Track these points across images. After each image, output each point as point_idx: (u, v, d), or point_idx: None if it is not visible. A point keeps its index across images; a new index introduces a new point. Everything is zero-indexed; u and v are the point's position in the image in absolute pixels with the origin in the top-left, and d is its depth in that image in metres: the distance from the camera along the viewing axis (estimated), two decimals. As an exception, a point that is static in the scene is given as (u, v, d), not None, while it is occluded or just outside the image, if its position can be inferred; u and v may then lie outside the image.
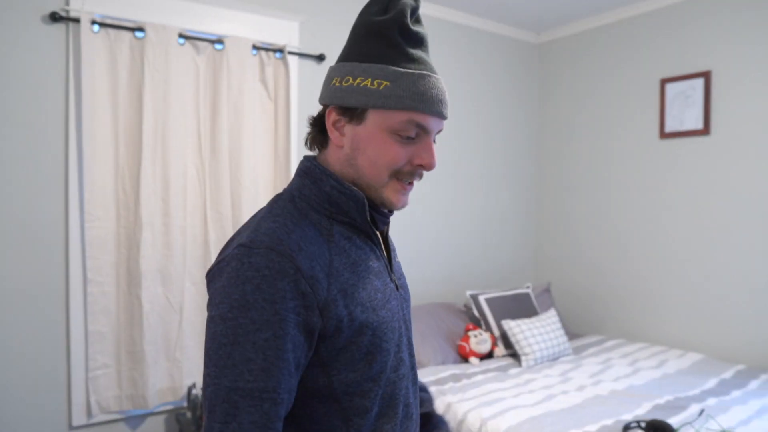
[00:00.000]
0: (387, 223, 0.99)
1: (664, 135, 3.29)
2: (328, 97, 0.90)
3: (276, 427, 0.79)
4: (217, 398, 0.78)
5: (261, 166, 2.87)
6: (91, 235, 2.43)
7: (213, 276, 0.85)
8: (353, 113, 0.87)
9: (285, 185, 2.89)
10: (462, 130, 3.71)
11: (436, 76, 0.88)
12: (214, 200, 2.73)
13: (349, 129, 0.88)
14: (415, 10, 0.89)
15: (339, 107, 0.88)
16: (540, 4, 3.48)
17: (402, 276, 1.05)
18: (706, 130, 3.10)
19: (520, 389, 2.58)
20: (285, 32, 2.96)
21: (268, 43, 2.88)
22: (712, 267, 3.13)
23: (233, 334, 0.78)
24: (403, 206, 0.93)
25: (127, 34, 2.50)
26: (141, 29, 2.50)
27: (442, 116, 0.89)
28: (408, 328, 1.01)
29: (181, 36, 2.61)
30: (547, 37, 3.99)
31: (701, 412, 2.23)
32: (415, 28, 0.88)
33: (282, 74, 2.91)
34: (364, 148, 0.88)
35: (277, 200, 0.92)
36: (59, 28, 2.40)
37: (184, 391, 2.63)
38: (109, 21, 2.46)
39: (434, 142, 0.91)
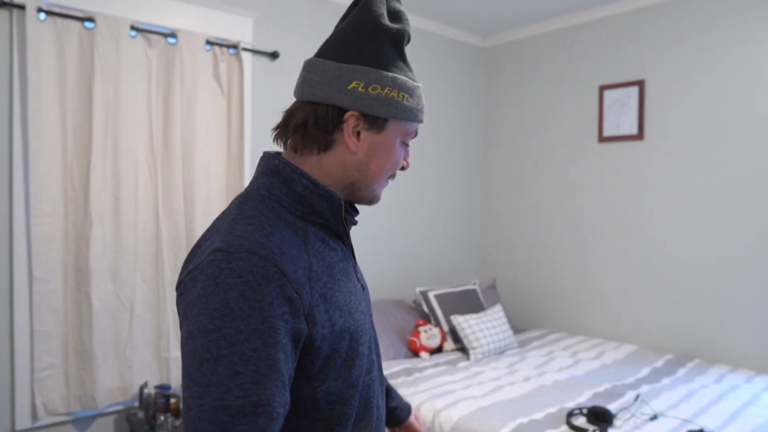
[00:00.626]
0: (355, 223, 0.97)
1: (602, 139, 3.48)
2: (349, 101, 0.84)
3: None
4: (201, 421, 0.70)
5: (214, 162, 2.85)
6: (37, 231, 2.34)
7: (185, 287, 0.77)
8: (375, 122, 0.85)
9: (238, 181, 2.89)
10: (412, 130, 3.78)
11: None
12: (167, 196, 2.69)
13: (366, 136, 0.86)
14: None
15: (362, 114, 0.85)
16: (485, 9, 3.61)
17: (362, 276, 1.04)
18: (640, 135, 3.31)
19: (470, 381, 2.68)
20: (239, 28, 2.95)
21: (222, 39, 2.86)
22: (645, 264, 3.34)
23: (216, 348, 0.70)
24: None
25: (75, 24, 2.43)
26: (91, 19, 2.44)
27: None
28: (374, 329, 1.00)
29: (133, 28, 2.55)
30: (493, 41, 4.13)
31: (636, 397, 2.40)
32: None
33: (236, 71, 2.90)
34: (380, 156, 0.88)
35: (245, 200, 0.85)
36: (2, 14, 2.30)
37: (135, 390, 2.58)
38: (56, 9, 2.38)
39: None
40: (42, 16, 2.34)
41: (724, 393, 2.52)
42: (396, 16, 0.88)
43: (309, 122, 0.85)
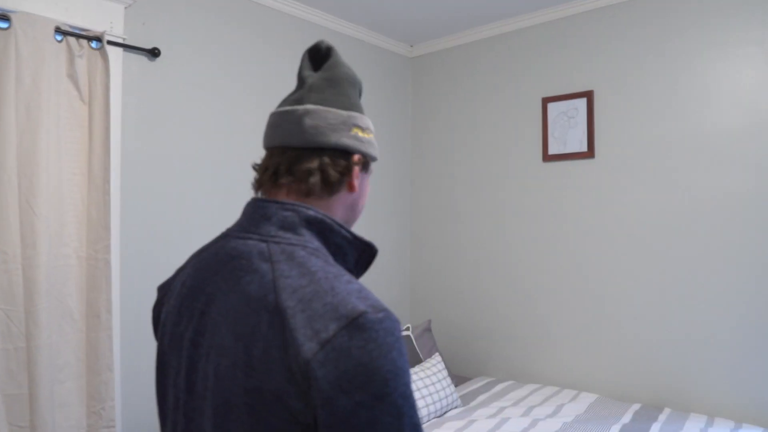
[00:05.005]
0: None
1: (547, 157, 3.07)
2: (356, 145, 0.88)
3: None
4: None
5: (68, 187, 2.16)
6: None
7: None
8: (367, 163, 0.91)
9: (103, 213, 2.21)
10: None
11: None
12: (-6, 235, 1.97)
13: (361, 176, 0.91)
14: None
15: (363, 156, 0.89)
16: (413, 14, 3.16)
17: None
18: (590, 153, 2.92)
19: (410, 462, 2.10)
20: (105, 16, 2.30)
21: (79, 28, 2.20)
22: (600, 298, 2.92)
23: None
24: None
25: None
26: None
27: None
28: None
29: (-60, 5, 1.86)
30: (421, 50, 3.68)
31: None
32: None
33: (99, 69, 2.24)
34: (364, 194, 0.94)
35: (298, 256, 0.78)
36: None
37: None
38: None
39: None
40: None
41: (715, 458, 2.08)
42: (351, 69, 0.94)
43: (326, 165, 0.85)
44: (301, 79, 0.91)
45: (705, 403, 2.62)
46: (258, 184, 0.88)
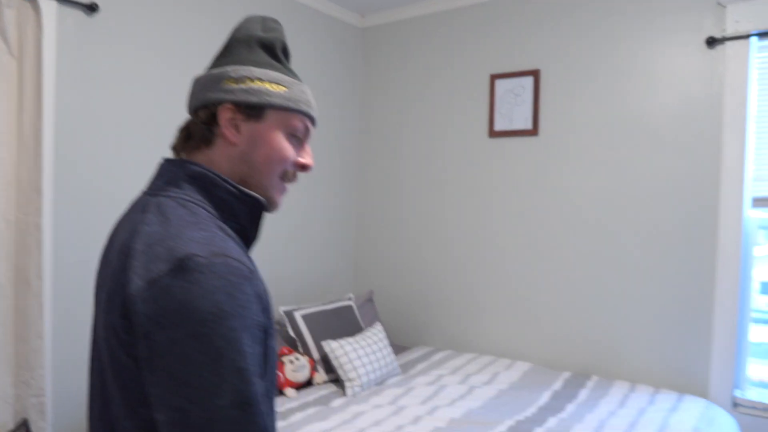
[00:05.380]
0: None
1: (493, 133, 3.12)
2: (222, 96, 0.87)
3: None
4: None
5: (-4, 147, 2.05)
6: None
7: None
8: (252, 111, 0.88)
9: (34, 174, 2.11)
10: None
11: None
12: None
13: (246, 126, 0.88)
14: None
15: (236, 105, 0.87)
16: (367, -18, 3.12)
17: None
18: (534, 131, 2.99)
19: (348, 428, 2.15)
20: (36, -35, 2.16)
21: (7, -24, 2.07)
22: (536, 272, 3.04)
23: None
24: (280, 207, 0.96)
25: None
26: None
27: (314, 124, 0.96)
28: None
29: None
30: (373, 21, 3.64)
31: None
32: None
33: (31, 22, 2.12)
34: (262, 144, 0.89)
35: (165, 206, 0.81)
36: None
37: None
38: None
39: None
40: None
41: (635, 420, 2.23)
42: (270, 29, 0.94)
43: (191, 122, 0.91)
44: None
45: (628, 370, 2.79)
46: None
